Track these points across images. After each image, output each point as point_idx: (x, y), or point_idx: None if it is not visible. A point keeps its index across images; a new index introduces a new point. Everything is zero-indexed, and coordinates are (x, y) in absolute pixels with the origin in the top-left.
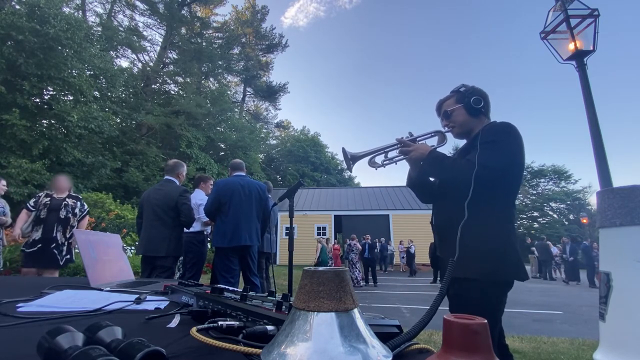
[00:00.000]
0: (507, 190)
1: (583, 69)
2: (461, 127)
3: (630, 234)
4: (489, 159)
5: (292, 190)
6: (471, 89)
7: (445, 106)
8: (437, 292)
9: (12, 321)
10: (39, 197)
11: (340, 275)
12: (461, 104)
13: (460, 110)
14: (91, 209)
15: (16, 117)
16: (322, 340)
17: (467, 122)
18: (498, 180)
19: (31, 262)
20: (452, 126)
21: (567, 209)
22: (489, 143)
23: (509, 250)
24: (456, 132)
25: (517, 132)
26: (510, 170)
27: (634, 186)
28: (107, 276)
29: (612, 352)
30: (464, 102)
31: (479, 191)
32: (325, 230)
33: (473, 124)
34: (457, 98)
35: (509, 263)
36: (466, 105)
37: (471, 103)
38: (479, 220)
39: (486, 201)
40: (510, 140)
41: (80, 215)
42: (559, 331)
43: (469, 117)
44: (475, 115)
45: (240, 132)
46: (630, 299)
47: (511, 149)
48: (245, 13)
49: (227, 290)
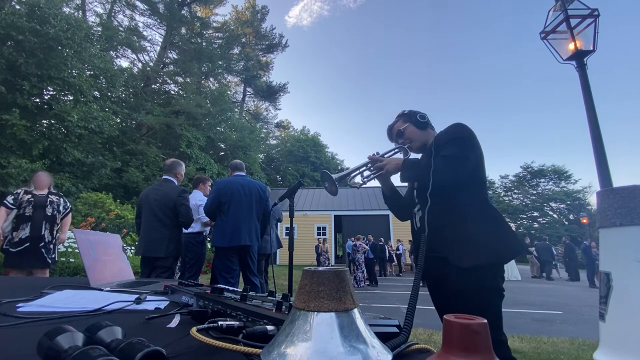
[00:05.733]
0: (474, 173)
1: (583, 69)
2: (417, 141)
3: (630, 234)
4: (453, 150)
5: (292, 190)
6: (413, 110)
7: (395, 128)
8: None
9: (12, 321)
10: (17, 193)
11: (340, 275)
12: (410, 122)
13: (411, 127)
14: (91, 209)
15: (16, 117)
16: (322, 340)
17: (419, 136)
18: (464, 164)
19: (17, 262)
20: (409, 142)
21: (567, 209)
22: (448, 142)
23: (488, 231)
24: (414, 147)
25: (465, 127)
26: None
27: (634, 186)
28: (107, 276)
29: (612, 352)
30: (411, 120)
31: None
32: (325, 230)
33: (425, 136)
34: (405, 119)
35: (489, 244)
36: (414, 122)
37: (418, 119)
38: (458, 209)
39: (459, 190)
40: (461, 131)
41: (64, 212)
42: (559, 331)
43: (420, 132)
44: (424, 129)
45: (240, 132)
46: (630, 299)
47: (464, 138)
48: (245, 13)
49: (227, 290)
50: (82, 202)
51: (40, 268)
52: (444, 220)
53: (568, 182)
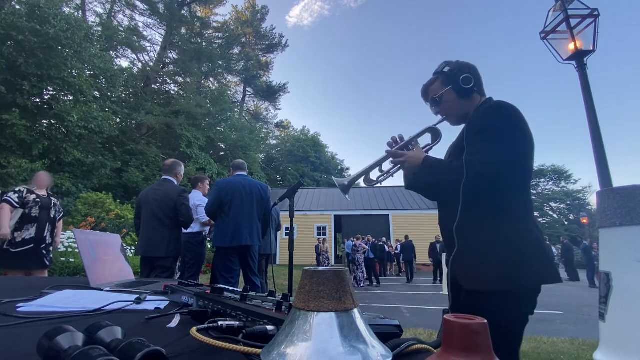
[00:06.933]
0: (513, 182)
1: (583, 69)
2: (454, 115)
3: (630, 234)
4: (482, 155)
5: (292, 190)
6: (457, 67)
7: (431, 92)
8: (437, 293)
9: (12, 321)
10: (20, 192)
11: (340, 275)
12: (449, 87)
13: (450, 94)
14: (91, 209)
15: (16, 117)
16: (322, 340)
17: (460, 106)
18: (497, 176)
19: (16, 262)
20: (445, 114)
21: (567, 209)
22: (478, 134)
23: (521, 251)
24: (452, 121)
25: (509, 112)
26: (510, 161)
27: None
28: (107, 276)
29: (612, 352)
30: (451, 83)
31: (479, 191)
32: (325, 230)
33: (467, 106)
34: (443, 80)
35: (523, 266)
36: (455, 88)
37: (460, 84)
38: (482, 222)
39: (489, 200)
40: (501, 125)
41: (61, 215)
42: (559, 331)
43: (461, 101)
44: (467, 97)
45: (240, 132)
46: (630, 299)
47: (504, 135)
48: (245, 13)
49: (227, 290)
50: (82, 202)
51: (39, 269)
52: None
53: (568, 182)
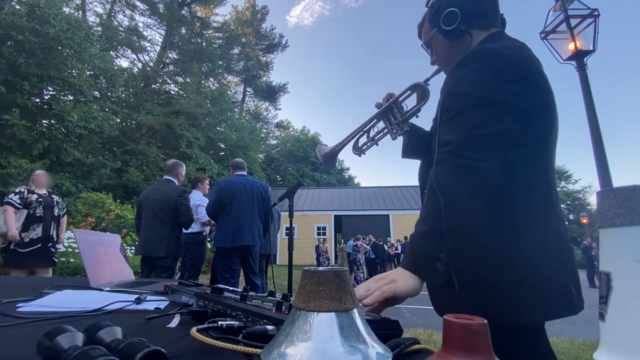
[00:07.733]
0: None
1: (583, 69)
2: (449, 62)
3: (630, 234)
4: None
5: (292, 190)
6: (439, 1)
7: (424, 34)
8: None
9: (12, 321)
10: (21, 192)
11: (340, 275)
12: (435, 28)
13: (438, 38)
14: (91, 209)
15: (16, 117)
16: (322, 340)
17: (449, 52)
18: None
19: (24, 262)
20: (439, 63)
21: (567, 209)
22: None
23: (525, 273)
24: (444, 69)
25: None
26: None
27: (634, 186)
28: (107, 276)
29: (612, 352)
30: (436, 24)
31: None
32: (325, 230)
33: (459, 50)
34: (429, 19)
35: (527, 295)
36: (440, 29)
37: (441, 25)
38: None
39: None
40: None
41: (63, 212)
42: (559, 331)
43: (451, 44)
44: (456, 38)
45: (240, 132)
46: (630, 299)
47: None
48: (245, 13)
49: (227, 290)
50: (82, 202)
51: (45, 267)
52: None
53: (568, 182)
